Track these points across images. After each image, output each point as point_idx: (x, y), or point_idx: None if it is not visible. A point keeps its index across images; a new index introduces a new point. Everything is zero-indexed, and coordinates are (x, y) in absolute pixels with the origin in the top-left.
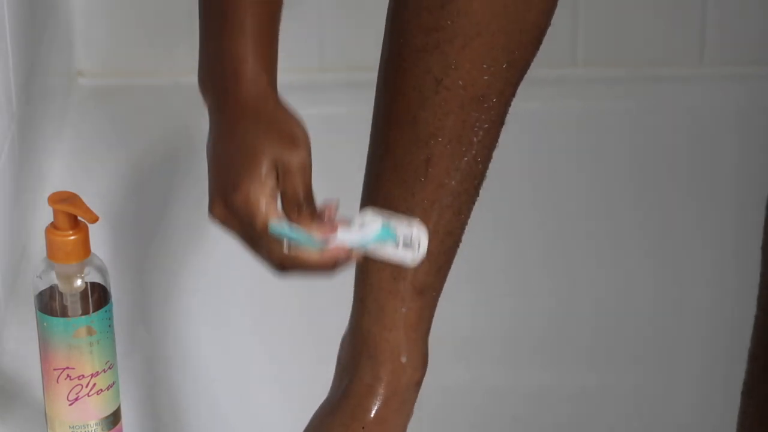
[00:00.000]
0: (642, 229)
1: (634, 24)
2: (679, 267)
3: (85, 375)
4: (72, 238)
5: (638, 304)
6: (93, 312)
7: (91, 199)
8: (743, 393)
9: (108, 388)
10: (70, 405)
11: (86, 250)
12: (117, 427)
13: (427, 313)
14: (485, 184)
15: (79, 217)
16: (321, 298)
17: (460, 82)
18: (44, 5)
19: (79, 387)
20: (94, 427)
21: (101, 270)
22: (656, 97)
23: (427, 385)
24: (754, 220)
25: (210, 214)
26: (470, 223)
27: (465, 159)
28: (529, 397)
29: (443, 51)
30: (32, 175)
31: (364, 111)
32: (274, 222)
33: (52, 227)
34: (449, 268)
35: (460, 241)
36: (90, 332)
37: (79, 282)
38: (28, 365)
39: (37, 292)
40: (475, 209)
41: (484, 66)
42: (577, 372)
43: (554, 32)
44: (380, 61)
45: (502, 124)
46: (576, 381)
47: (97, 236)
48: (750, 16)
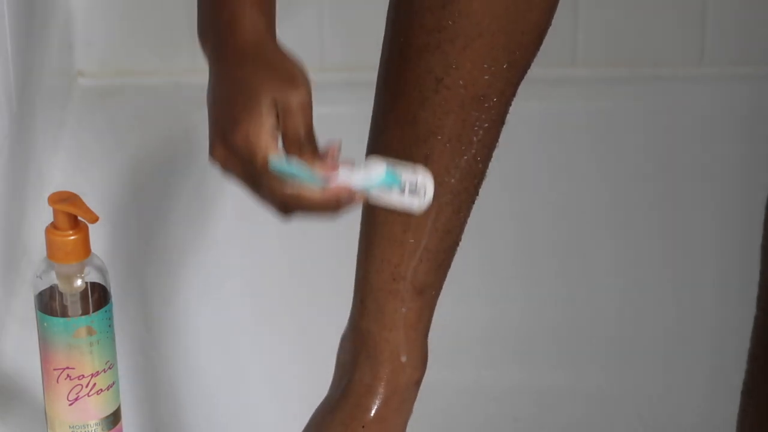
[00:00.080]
0: (642, 228)
1: (634, 24)
2: (679, 267)
3: (85, 375)
4: (72, 238)
5: (638, 304)
6: (93, 312)
7: (91, 199)
8: (743, 393)
9: (108, 388)
10: (70, 405)
11: (86, 250)
12: (117, 427)
13: (427, 313)
14: (485, 184)
15: (79, 217)
16: (321, 297)
17: (460, 82)
18: (44, 5)
19: (79, 387)
20: (94, 427)
21: (101, 270)
22: (656, 97)
23: (427, 385)
24: (754, 220)
25: (210, 156)
26: (470, 223)
27: (465, 158)
28: (530, 398)
29: (444, 51)
30: (32, 175)
31: (364, 111)
32: (274, 158)
33: (52, 227)
34: (448, 267)
35: (460, 240)
36: (90, 332)
37: (79, 282)
38: (28, 365)
39: (37, 292)
40: (475, 209)
41: (485, 66)
42: (578, 372)
43: (554, 32)
44: (380, 60)
45: (503, 123)
46: (577, 381)
47: (97, 236)
48: (750, 16)
